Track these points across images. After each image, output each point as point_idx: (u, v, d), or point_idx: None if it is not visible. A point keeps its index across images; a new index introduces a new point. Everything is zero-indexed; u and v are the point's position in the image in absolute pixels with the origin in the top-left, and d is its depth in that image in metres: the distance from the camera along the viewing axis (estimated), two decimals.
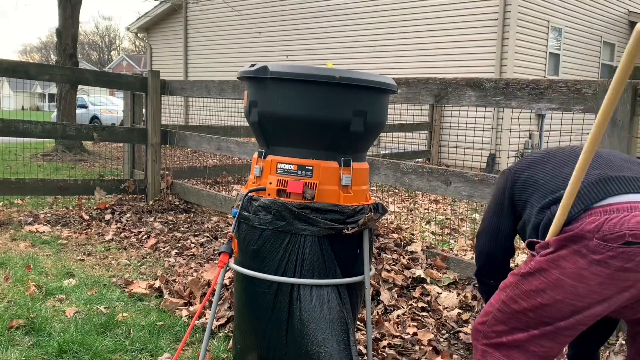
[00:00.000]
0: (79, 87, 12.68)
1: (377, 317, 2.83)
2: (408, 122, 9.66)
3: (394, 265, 3.42)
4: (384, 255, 3.55)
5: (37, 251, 4.05)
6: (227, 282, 3.16)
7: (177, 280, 3.40)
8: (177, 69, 16.57)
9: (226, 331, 2.75)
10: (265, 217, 1.92)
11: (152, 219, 5.00)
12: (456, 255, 3.70)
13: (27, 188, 5.09)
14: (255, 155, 2.08)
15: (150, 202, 5.40)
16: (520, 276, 1.57)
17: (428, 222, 5.30)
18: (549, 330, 1.53)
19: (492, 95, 2.97)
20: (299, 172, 1.95)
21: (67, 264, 3.76)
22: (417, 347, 2.62)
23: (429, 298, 3.07)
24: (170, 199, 5.48)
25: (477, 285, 2.10)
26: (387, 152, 10.08)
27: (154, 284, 3.38)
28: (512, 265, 2.01)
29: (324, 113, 1.90)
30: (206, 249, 4.16)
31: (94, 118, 18.67)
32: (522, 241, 1.86)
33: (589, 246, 1.42)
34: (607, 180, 1.55)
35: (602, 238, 1.41)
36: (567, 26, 11.53)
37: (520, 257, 3.75)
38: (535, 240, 1.59)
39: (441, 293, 3.12)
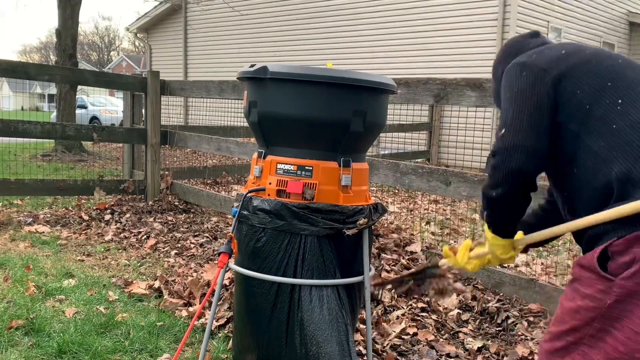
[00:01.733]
0: (79, 87, 12.68)
1: (377, 317, 2.82)
2: (408, 123, 9.66)
3: (394, 265, 3.42)
4: (384, 255, 3.54)
5: (37, 251, 4.05)
6: (226, 282, 3.16)
7: (176, 281, 3.40)
8: (176, 69, 16.57)
9: (226, 331, 2.75)
10: (264, 216, 1.92)
11: (151, 219, 5.00)
12: None
13: (27, 188, 5.09)
14: (255, 155, 2.08)
15: (150, 203, 5.40)
16: (608, 308, 1.28)
17: (428, 223, 5.30)
18: None
19: (492, 96, 2.97)
20: (299, 172, 1.95)
21: (67, 265, 3.75)
22: (417, 347, 2.62)
23: (428, 298, 3.07)
24: (169, 199, 5.48)
25: (486, 208, 1.55)
26: (386, 152, 10.08)
27: (154, 284, 3.38)
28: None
29: (323, 113, 1.90)
30: (206, 249, 4.16)
31: (94, 118, 18.66)
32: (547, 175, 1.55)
33: None
34: None
35: None
36: (566, 26, 11.53)
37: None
38: (605, 256, 1.30)
39: None
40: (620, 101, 1.36)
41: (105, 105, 20.17)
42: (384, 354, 2.55)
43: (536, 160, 1.43)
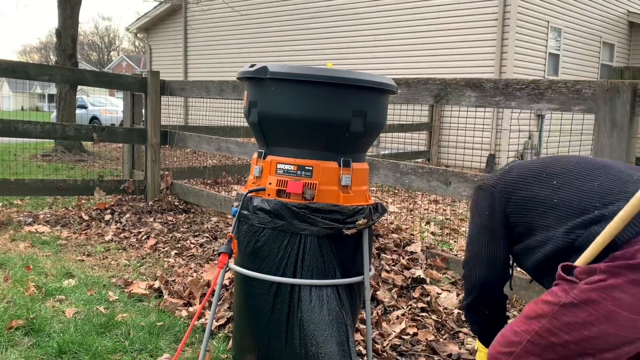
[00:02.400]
0: (79, 87, 12.68)
1: (377, 317, 2.83)
2: (408, 123, 9.66)
3: (394, 265, 3.42)
4: (384, 255, 3.54)
5: (37, 251, 4.05)
6: (226, 282, 3.16)
7: (176, 281, 3.40)
8: (176, 69, 16.57)
9: (226, 331, 2.75)
10: (264, 216, 1.92)
11: (151, 219, 5.00)
12: (456, 255, 3.69)
13: (27, 188, 5.09)
14: (255, 155, 2.08)
15: (150, 203, 5.40)
16: (561, 306, 1.38)
17: (428, 223, 5.30)
18: (590, 356, 1.37)
19: (491, 96, 2.97)
20: (299, 172, 1.95)
21: (67, 265, 3.75)
22: (417, 347, 2.62)
23: (428, 298, 3.07)
24: (169, 199, 5.48)
25: (465, 317, 1.87)
26: (386, 152, 10.08)
27: (154, 284, 3.38)
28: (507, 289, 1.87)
29: (323, 113, 1.90)
30: (206, 249, 4.16)
31: (94, 118, 18.66)
32: (517, 266, 1.75)
33: None
34: None
35: None
36: (566, 26, 11.54)
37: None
38: (571, 265, 1.42)
39: (441, 293, 3.12)
40: (555, 182, 1.57)
41: (105, 105, 20.17)
42: (384, 354, 2.55)
43: (498, 269, 1.68)
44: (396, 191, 7.08)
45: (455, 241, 4.58)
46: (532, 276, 1.60)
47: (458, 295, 3.11)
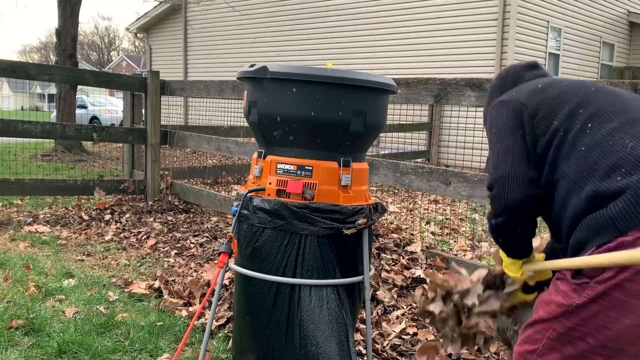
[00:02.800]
0: (79, 87, 12.68)
1: (376, 317, 2.82)
2: (408, 122, 9.66)
3: (394, 265, 3.42)
4: (384, 255, 3.54)
5: (37, 251, 4.05)
6: (226, 282, 3.16)
7: (176, 281, 3.40)
8: (176, 69, 16.57)
9: (226, 331, 2.75)
10: (264, 216, 1.92)
11: (151, 219, 5.00)
12: (456, 255, 3.70)
13: (27, 188, 5.09)
14: (255, 155, 2.08)
15: (150, 203, 5.40)
16: (575, 307, 1.36)
17: (428, 223, 5.30)
18: (613, 350, 1.34)
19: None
20: (299, 172, 1.95)
21: (67, 264, 3.75)
22: (417, 347, 2.62)
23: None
24: (169, 199, 5.48)
25: (490, 234, 1.63)
26: (386, 152, 10.08)
27: (154, 284, 3.38)
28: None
29: (323, 113, 1.90)
30: (206, 249, 4.16)
31: (94, 118, 18.67)
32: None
33: None
34: None
35: None
36: (566, 26, 11.54)
37: None
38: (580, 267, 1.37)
39: None
40: (589, 125, 1.43)
41: (105, 105, 20.17)
42: (384, 353, 2.55)
43: (531, 188, 1.50)
44: (396, 191, 7.08)
45: (455, 241, 4.59)
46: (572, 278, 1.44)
47: None
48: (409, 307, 3.01)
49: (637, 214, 1.29)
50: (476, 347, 2.57)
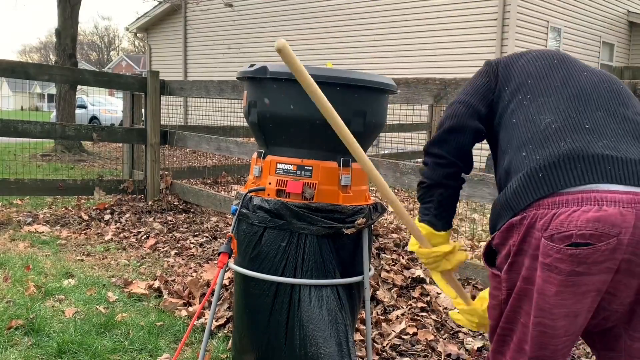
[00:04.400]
0: (78, 87, 12.68)
1: (376, 317, 2.82)
2: (407, 122, 9.65)
3: (394, 265, 3.42)
4: (384, 255, 3.54)
5: (37, 251, 4.05)
6: (226, 282, 3.16)
7: (176, 281, 3.40)
8: (176, 69, 16.57)
9: (225, 331, 2.75)
10: (264, 215, 1.92)
11: (151, 219, 5.00)
12: None
13: (26, 188, 5.09)
14: (255, 155, 2.08)
15: (150, 203, 5.40)
16: (504, 304, 1.38)
17: None
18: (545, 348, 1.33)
19: None
20: (299, 172, 1.95)
21: (67, 264, 3.75)
22: (417, 347, 2.62)
23: (428, 298, 3.07)
24: (169, 199, 5.48)
25: (422, 164, 1.67)
26: (386, 152, 10.08)
27: (154, 284, 3.38)
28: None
29: None
30: (205, 249, 4.16)
31: (93, 118, 18.67)
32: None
33: (540, 248, 1.24)
34: (585, 159, 1.26)
35: (549, 238, 1.23)
36: (566, 26, 11.54)
37: None
38: (490, 250, 1.41)
39: (440, 293, 3.12)
40: (529, 96, 1.45)
41: (105, 105, 20.17)
42: (384, 353, 2.55)
43: (475, 117, 1.54)
44: (396, 191, 7.08)
45: (454, 241, 4.58)
46: (487, 265, 1.47)
47: None
48: (409, 307, 3.01)
49: (525, 195, 1.29)
50: (476, 348, 2.57)
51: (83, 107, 18.95)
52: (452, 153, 1.56)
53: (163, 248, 4.23)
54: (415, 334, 2.71)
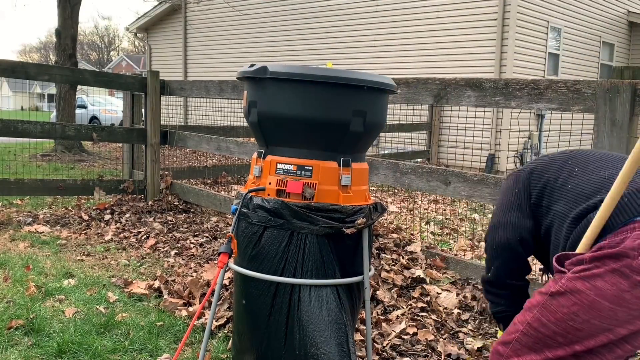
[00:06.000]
0: (78, 87, 12.68)
1: (376, 317, 2.82)
2: (407, 122, 9.66)
3: (394, 265, 3.42)
4: (384, 255, 3.54)
5: (37, 251, 4.05)
6: (226, 282, 3.16)
7: (176, 281, 3.40)
8: (176, 69, 16.56)
9: (226, 331, 2.75)
10: (264, 215, 1.92)
11: (151, 219, 5.00)
12: (455, 255, 3.70)
13: (27, 188, 5.09)
14: (255, 155, 2.08)
15: (150, 203, 5.40)
16: (549, 296, 1.37)
17: (427, 222, 5.30)
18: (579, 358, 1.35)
19: (491, 96, 2.97)
20: (299, 172, 1.95)
21: (67, 264, 3.75)
22: (417, 347, 2.62)
23: (428, 298, 3.07)
24: (169, 199, 5.48)
25: (488, 296, 1.80)
26: (386, 152, 10.08)
27: (154, 284, 3.38)
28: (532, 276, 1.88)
29: (323, 113, 1.90)
30: (205, 249, 4.16)
31: (94, 118, 18.67)
32: (538, 261, 1.75)
33: (633, 266, 1.24)
34: None
35: None
36: (566, 26, 11.53)
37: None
38: (566, 253, 1.42)
39: (441, 293, 3.12)
40: (576, 169, 1.59)
41: (105, 105, 20.17)
42: (384, 353, 2.55)
43: (521, 232, 1.65)
44: (396, 191, 7.08)
45: (455, 241, 4.59)
46: (557, 265, 1.49)
47: (458, 295, 3.12)
48: (409, 307, 3.01)
49: (628, 212, 1.36)
50: (476, 348, 2.57)
51: (83, 107, 18.96)
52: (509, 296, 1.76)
53: (163, 248, 4.23)
54: (415, 334, 2.71)
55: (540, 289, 1.44)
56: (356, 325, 2.52)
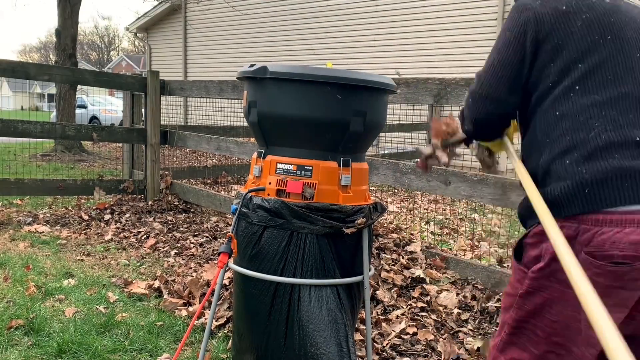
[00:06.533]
0: (78, 87, 12.68)
1: (376, 317, 2.83)
2: (407, 122, 9.65)
3: (394, 265, 3.42)
4: (384, 255, 3.55)
5: (37, 251, 4.05)
6: (226, 282, 3.16)
7: (176, 281, 3.40)
8: (176, 69, 16.57)
9: (225, 331, 2.75)
10: (264, 214, 1.92)
11: (151, 219, 5.00)
12: (455, 255, 3.70)
13: (27, 188, 5.09)
14: (255, 155, 2.08)
15: (150, 202, 5.40)
16: (519, 297, 1.40)
17: (427, 222, 5.30)
18: (561, 347, 1.37)
19: None
20: (299, 172, 1.95)
21: (67, 264, 3.75)
22: (417, 347, 2.62)
23: (428, 298, 3.07)
24: (169, 199, 5.48)
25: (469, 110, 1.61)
26: (386, 152, 10.08)
27: (154, 284, 3.38)
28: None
29: (323, 113, 1.90)
30: (205, 249, 4.16)
31: (94, 118, 18.67)
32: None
33: (578, 259, 1.24)
34: (627, 176, 1.26)
35: (590, 254, 1.27)
36: None
37: None
38: (521, 245, 1.43)
39: (440, 293, 3.12)
40: (577, 88, 1.35)
41: (105, 105, 20.17)
42: (384, 353, 2.55)
43: (504, 108, 1.52)
44: (396, 191, 7.08)
45: (454, 241, 4.59)
46: (515, 260, 1.47)
47: (457, 294, 3.12)
48: (409, 306, 3.01)
49: (567, 207, 1.31)
50: (476, 348, 2.57)
51: (83, 107, 18.96)
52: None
53: (163, 248, 4.23)
54: (415, 333, 2.72)
55: (507, 289, 1.48)
56: (356, 325, 2.52)
